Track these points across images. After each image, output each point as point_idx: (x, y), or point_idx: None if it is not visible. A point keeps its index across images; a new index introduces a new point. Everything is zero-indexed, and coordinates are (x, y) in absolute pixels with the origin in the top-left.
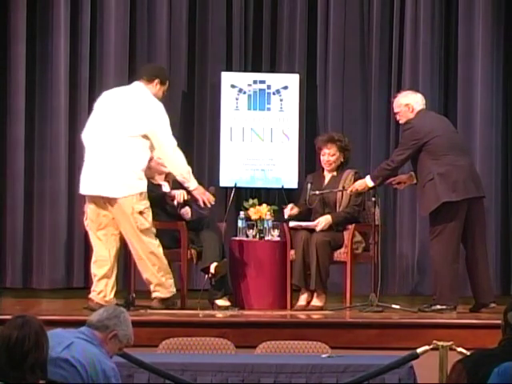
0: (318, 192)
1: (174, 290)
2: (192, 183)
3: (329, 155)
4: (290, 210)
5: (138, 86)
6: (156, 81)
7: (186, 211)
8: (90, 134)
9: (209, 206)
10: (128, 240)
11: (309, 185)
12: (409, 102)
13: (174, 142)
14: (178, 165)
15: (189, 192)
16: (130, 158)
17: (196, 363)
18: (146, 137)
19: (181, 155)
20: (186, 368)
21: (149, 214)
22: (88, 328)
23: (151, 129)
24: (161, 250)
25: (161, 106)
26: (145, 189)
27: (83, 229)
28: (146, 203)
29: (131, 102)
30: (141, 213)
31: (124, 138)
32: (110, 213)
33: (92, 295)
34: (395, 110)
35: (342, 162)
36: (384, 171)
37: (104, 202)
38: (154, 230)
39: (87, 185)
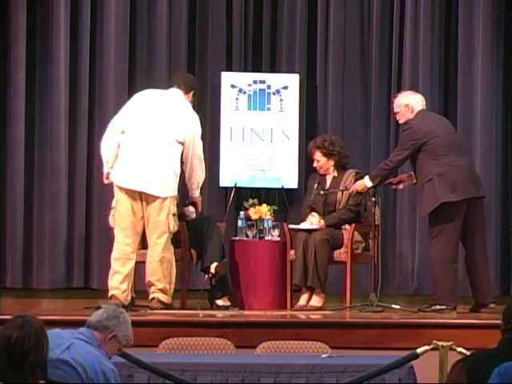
0: (322, 192)
1: (171, 300)
2: (198, 191)
3: (316, 161)
4: (318, 223)
5: (178, 93)
6: (192, 92)
7: (190, 210)
8: (130, 130)
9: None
10: (153, 240)
11: (315, 185)
12: (409, 103)
13: (202, 155)
14: (198, 175)
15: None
16: (172, 161)
17: (196, 363)
18: (182, 144)
19: (203, 167)
20: (186, 368)
21: (177, 218)
22: (87, 328)
23: (191, 137)
24: (173, 257)
25: (198, 118)
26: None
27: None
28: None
29: (176, 108)
30: (174, 215)
31: (170, 141)
32: (144, 211)
33: (116, 293)
34: (395, 110)
35: (334, 165)
36: (382, 171)
37: (142, 199)
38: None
39: (130, 179)
